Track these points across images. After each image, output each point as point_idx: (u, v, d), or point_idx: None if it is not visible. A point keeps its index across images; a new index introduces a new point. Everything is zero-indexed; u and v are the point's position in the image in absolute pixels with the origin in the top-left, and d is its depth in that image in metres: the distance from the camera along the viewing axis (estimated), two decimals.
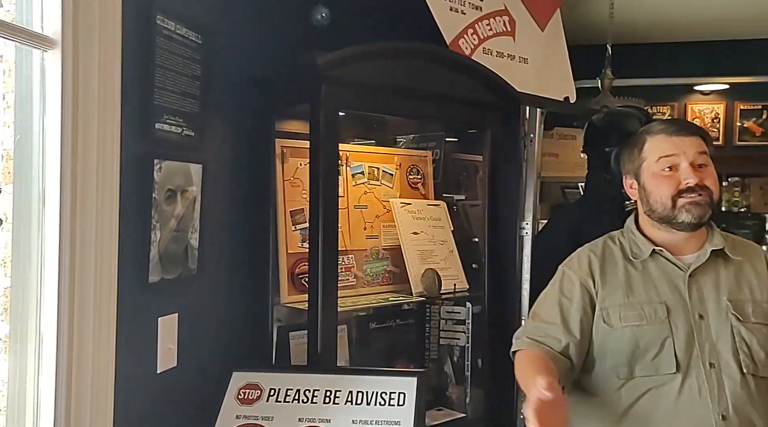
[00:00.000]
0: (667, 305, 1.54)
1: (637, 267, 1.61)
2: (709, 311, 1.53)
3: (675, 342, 1.50)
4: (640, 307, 1.55)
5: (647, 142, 1.61)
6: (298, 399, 1.58)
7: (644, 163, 1.61)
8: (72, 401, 1.27)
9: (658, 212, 1.58)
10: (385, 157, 2.16)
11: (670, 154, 1.56)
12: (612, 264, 1.64)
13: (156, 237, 1.48)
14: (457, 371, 2.16)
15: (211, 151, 1.69)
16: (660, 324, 1.52)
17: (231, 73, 1.77)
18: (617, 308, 1.57)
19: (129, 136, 1.38)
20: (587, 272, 1.64)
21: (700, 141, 1.58)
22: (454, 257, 2.14)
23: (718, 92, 5.52)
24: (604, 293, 1.60)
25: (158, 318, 1.52)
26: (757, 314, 1.52)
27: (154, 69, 1.46)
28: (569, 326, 1.60)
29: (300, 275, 1.91)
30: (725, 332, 1.51)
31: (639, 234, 1.65)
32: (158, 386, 1.53)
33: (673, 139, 1.57)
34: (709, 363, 1.49)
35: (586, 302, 1.61)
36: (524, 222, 2.38)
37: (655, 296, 1.56)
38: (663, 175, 1.57)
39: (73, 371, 1.27)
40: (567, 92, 2.46)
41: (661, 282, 1.57)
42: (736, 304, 1.53)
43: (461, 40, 2.16)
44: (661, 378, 1.49)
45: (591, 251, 1.69)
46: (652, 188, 1.59)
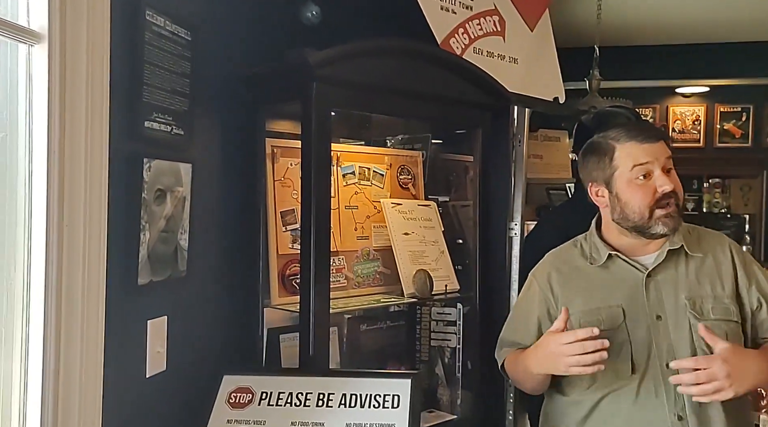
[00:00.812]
0: (623, 308, 1.56)
1: (596, 272, 1.63)
2: (667, 311, 1.55)
3: (632, 346, 1.53)
4: (599, 312, 1.57)
5: (617, 151, 1.60)
6: (290, 403, 1.55)
7: (617, 172, 1.60)
8: (59, 407, 1.23)
9: (633, 221, 1.58)
10: (376, 157, 2.14)
11: (644, 162, 1.56)
12: (572, 270, 1.67)
13: (145, 238, 1.45)
14: (448, 372, 2.15)
15: (201, 151, 1.66)
16: (617, 329, 1.54)
17: (221, 71, 1.74)
18: (578, 315, 1.59)
19: (117, 134, 1.35)
20: (546, 283, 1.68)
21: (665, 145, 1.60)
22: (445, 257, 2.12)
23: (699, 95, 5.60)
24: (564, 301, 1.62)
25: (147, 321, 1.49)
26: (716, 311, 1.54)
27: (143, 66, 1.43)
28: (534, 337, 1.66)
29: (290, 276, 1.88)
30: (683, 331, 1.52)
31: (598, 239, 1.67)
32: (147, 390, 1.49)
33: (645, 146, 1.57)
34: (666, 364, 1.50)
35: (543, 313, 1.67)
36: (513, 223, 2.38)
37: (612, 300, 1.58)
38: (638, 184, 1.57)
39: (60, 375, 1.23)
40: (556, 93, 2.46)
41: (620, 285, 1.59)
42: (695, 302, 1.54)
43: (452, 39, 2.15)
44: (619, 382, 1.52)
45: (553, 259, 1.73)
46: (628, 198, 1.58)
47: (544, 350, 1.50)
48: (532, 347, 1.59)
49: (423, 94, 1.87)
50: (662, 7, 3.81)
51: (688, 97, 5.64)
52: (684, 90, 5.55)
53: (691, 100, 5.66)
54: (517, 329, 1.73)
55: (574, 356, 1.41)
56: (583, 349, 1.40)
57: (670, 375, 1.48)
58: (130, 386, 1.44)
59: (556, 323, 1.48)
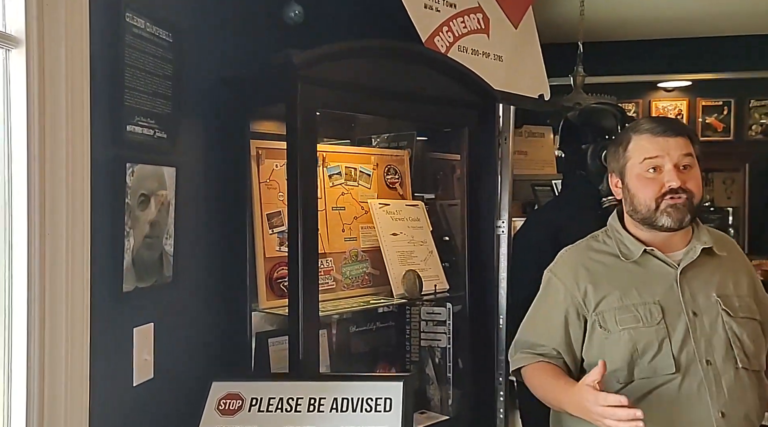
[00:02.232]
0: (661, 304, 1.53)
1: (627, 267, 1.59)
2: (702, 308, 1.53)
3: (672, 342, 1.50)
4: (635, 308, 1.54)
5: (632, 142, 1.59)
6: (281, 408, 1.53)
7: (629, 163, 1.59)
8: (45, 418, 1.20)
9: (641, 214, 1.57)
10: (362, 157, 2.12)
11: (654, 156, 1.54)
12: (600, 267, 1.62)
13: (129, 244, 1.42)
14: (439, 372, 2.13)
15: (185, 154, 1.63)
16: (656, 325, 1.51)
17: (203, 73, 1.71)
18: (612, 312, 1.55)
19: (99, 139, 1.32)
20: (572, 281, 1.62)
21: (687, 141, 1.56)
22: (433, 257, 2.11)
23: (681, 89, 5.63)
24: (596, 298, 1.58)
25: (133, 328, 1.46)
26: (743, 309, 1.53)
27: (124, 68, 1.40)
28: (556, 337, 1.61)
29: (278, 279, 1.86)
30: (717, 327, 1.51)
31: (626, 234, 1.63)
32: (135, 399, 1.46)
33: (659, 139, 1.55)
34: (706, 360, 1.49)
35: (572, 314, 1.61)
36: (500, 221, 2.37)
37: (648, 296, 1.55)
38: (647, 177, 1.55)
39: (45, 386, 1.20)
40: (541, 89, 2.46)
41: (654, 282, 1.56)
42: (725, 299, 1.54)
43: (437, 37, 2.14)
44: (660, 379, 1.48)
45: (577, 256, 1.67)
46: (636, 190, 1.57)
47: (579, 400, 1.42)
48: (568, 389, 1.48)
49: (409, 94, 1.86)
50: (644, 2, 3.82)
51: (670, 91, 5.66)
52: (666, 84, 5.58)
53: (673, 94, 5.68)
54: (538, 330, 1.66)
55: (607, 419, 1.35)
56: (614, 416, 1.34)
57: (712, 372, 1.47)
58: (117, 395, 1.41)
59: (592, 375, 1.39)
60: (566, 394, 1.49)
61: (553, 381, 1.56)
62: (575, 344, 1.60)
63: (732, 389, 1.47)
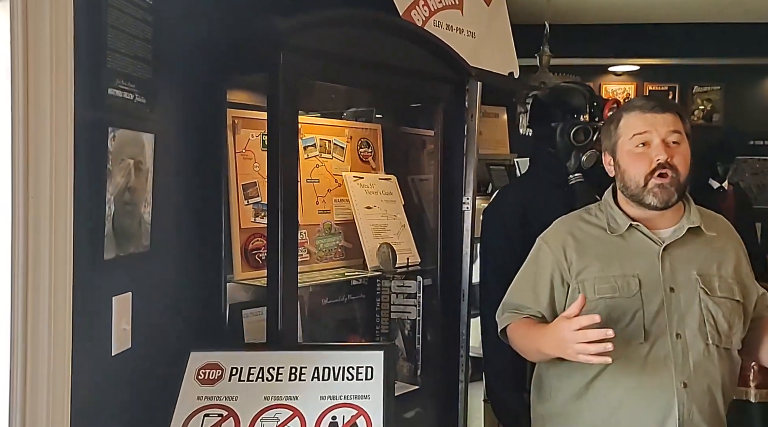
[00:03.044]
0: (639, 278, 1.58)
1: (613, 241, 1.64)
2: (680, 284, 1.59)
3: (645, 314, 1.56)
4: (614, 280, 1.59)
5: (623, 119, 1.63)
6: (262, 377, 1.53)
7: (619, 140, 1.63)
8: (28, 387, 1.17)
9: (630, 189, 1.61)
10: (336, 130, 2.12)
11: (643, 132, 1.58)
12: (588, 238, 1.67)
13: (110, 211, 1.38)
14: (408, 344, 2.17)
15: (163, 121, 1.59)
16: (632, 297, 1.57)
17: (182, 38, 1.66)
18: (592, 281, 1.61)
19: (82, 101, 1.27)
20: (559, 248, 1.67)
21: (675, 118, 1.59)
22: (406, 231, 2.13)
23: (630, 73, 5.79)
24: (579, 266, 1.63)
25: (113, 297, 1.43)
26: (723, 289, 1.59)
27: (107, 29, 1.35)
28: (541, 301, 1.67)
29: (253, 250, 1.85)
30: (693, 304, 1.57)
31: (617, 208, 1.68)
32: (113, 368, 1.43)
33: (647, 116, 1.58)
34: (676, 334, 1.56)
35: (557, 278, 1.66)
36: (465, 197, 2.41)
37: (629, 269, 1.60)
38: (636, 152, 1.59)
39: (28, 354, 1.16)
40: (511, 67, 2.49)
41: (636, 256, 1.61)
42: (705, 278, 1.59)
43: (413, 11, 2.14)
44: (630, 346, 1.54)
45: (567, 225, 1.72)
46: (626, 166, 1.61)
47: (555, 333, 1.49)
48: (546, 328, 1.57)
49: (389, 66, 1.86)
50: None
51: (619, 75, 5.81)
52: (616, 68, 5.73)
53: (622, 78, 5.84)
54: (525, 293, 1.70)
55: (579, 343, 1.41)
56: (585, 338, 1.40)
57: (680, 345, 1.54)
58: (96, 364, 1.38)
59: (570, 308, 1.46)
60: (544, 334, 1.56)
61: (534, 329, 1.62)
62: (558, 308, 1.66)
63: (698, 363, 1.54)
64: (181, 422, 1.45)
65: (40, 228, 1.18)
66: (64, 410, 1.25)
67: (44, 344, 1.19)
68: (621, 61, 5.55)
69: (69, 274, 1.25)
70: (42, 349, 1.19)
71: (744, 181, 5.64)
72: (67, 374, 1.25)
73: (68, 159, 1.23)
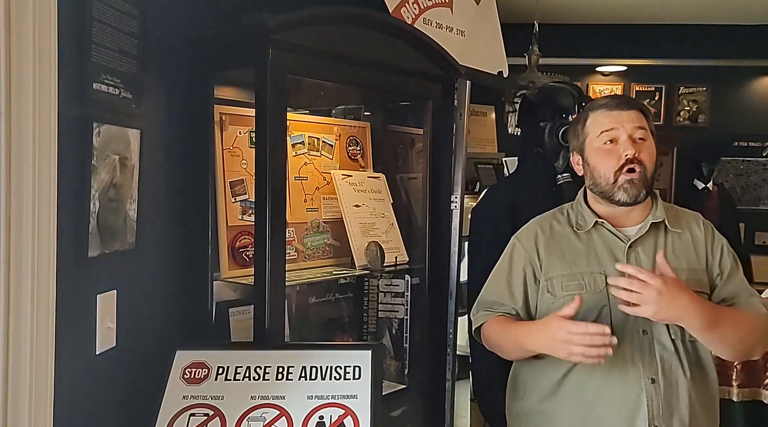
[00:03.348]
0: (606, 274, 1.59)
1: (581, 238, 1.66)
2: None
3: (611, 311, 1.57)
4: (581, 277, 1.61)
5: (589, 118, 1.67)
6: (248, 377, 1.51)
7: (587, 139, 1.66)
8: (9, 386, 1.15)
9: (600, 187, 1.63)
10: (325, 128, 2.10)
11: (610, 129, 1.61)
12: (558, 235, 1.69)
13: (95, 208, 1.36)
14: (396, 343, 2.17)
15: (149, 117, 1.57)
16: (598, 293, 1.59)
17: (169, 32, 1.64)
18: (560, 278, 1.63)
19: (65, 96, 1.25)
20: (533, 246, 1.70)
21: (639, 115, 1.63)
22: (394, 229, 2.12)
23: (617, 74, 5.81)
24: (548, 264, 1.66)
25: (97, 295, 1.41)
26: (691, 283, 1.59)
27: (92, 22, 1.33)
28: (516, 298, 1.69)
29: (240, 248, 1.83)
30: None
31: (585, 207, 1.70)
32: (97, 367, 1.41)
33: (613, 113, 1.62)
34: (642, 330, 1.57)
35: (529, 275, 1.69)
36: (453, 196, 2.41)
37: (596, 266, 1.62)
38: (604, 149, 1.62)
39: (9, 353, 1.14)
40: (500, 66, 2.49)
41: (603, 253, 1.63)
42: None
43: (403, 8, 2.13)
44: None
45: (539, 224, 1.74)
46: (595, 163, 1.64)
47: (546, 332, 1.50)
48: (533, 325, 1.58)
49: (378, 64, 1.85)
50: None
51: (607, 75, 5.83)
52: (604, 68, 5.75)
53: (609, 78, 5.86)
54: (500, 290, 1.71)
55: (580, 346, 1.43)
56: (591, 342, 1.42)
57: (646, 341, 1.55)
58: (79, 363, 1.36)
59: (566, 309, 1.47)
60: (529, 331, 1.57)
61: (515, 325, 1.63)
62: (531, 304, 1.68)
63: (664, 358, 1.55)
64: (166, 422, 1.43)
65: (23, 225, 1.15)
66: (47, 409, 1.23)
67: (27, 342, 1.17)
68: (608, 61, 5.57)
69: (52, 271, 1.22)
70: (24, 347, 1.17)
71: (728, 182, 5.69)
72: (50, 372, 1.23)
73: (52, 155, 1.21)
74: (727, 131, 5.62)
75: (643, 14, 4.66)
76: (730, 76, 5.56)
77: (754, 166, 5.73)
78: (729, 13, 4.54)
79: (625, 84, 5.82)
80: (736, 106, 5.70)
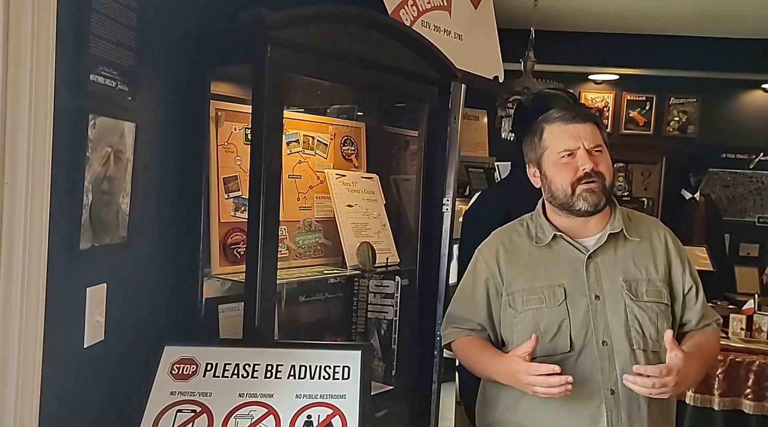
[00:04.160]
0: (565, 287, 1.61)
1: (540, 251, 1.68)
2: (606, 292, 1.61)
3: (571, 323, 1.59)
4: (541, 290, 1.63)
5: (545, 131, 1.67)
6: (237, 374, 1.51)
7: (545, 153, 1.66)
8: None
9: (559, 199, 1.64)
10: (320, 126, 2.10)
11: (567, 142, 1.62)
12: (518, 249, 1.71)
13: (87, 200, 1.35)
14: (384, 344, 2.16)
15: (144, 110, 1.56)
16: (558, 307, 1.60)
17: (167, 26, 1.63)
18: (521, 293, 1.65)
19: (62, 86, 1.24)
20: (493, 260, 1.72)
21: (594, 127, 1.65)
22: (386, 230, 2.12)
23: (609, 82, 5.86)
24: (509, 278, 1.67)
25: (87, 288, 1.40)
26: (650, 293, 1.62)
27: (91, 13, 1.32)
28: (479, 312, 1.71)
29: (232, 245, 1.82)
30: (619, 311, 1.60)
31: (544, 219, 1.71)
32: (85, 361, 1.40)
33: (569, 127, 1.63)
34: (602, 341, 1.58)
35: (492, 289, 1.71)
36: (445, 198, 2.41)
37: (555, 279, 1.63)
38: (562, 163, 1.63)
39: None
40: (496, 71, 2.50)
41: (562, 265, 1.65)
42: (631, 284, 1.62)
43: (402, 10, 2.13)
44: (558, 356, 1.57)
45: (500, 237, 1.76)
46: (552, 176, 1.65)
47: (509, 369, 1.54)
48: (498, 358, 1.61)
49: (376, 64, 1.85)
50: None
51: (599, 83, 5.88)
52: (596, 77, 5.79)
53: (601, 86, 5.90)
54: (466, 305, 1.75)
55: (541, 386, 1.48)
56: (548, 384, 1.47)
57: (606, 352, 1.57)
58: (67, 356, 1.35)
59: (523, 347, 1.51)
60: (495, 364, 1.61)
61: (481, 352, 1.67)
62: (495, 319, 1.70)
63: (625, 369, 1.55)
64: (153, 417, 1.43)
65: (15, 215, 1.14)
66: (33, 401, 1.22)
67: (15, 332, 1.16)
68: (601, 69, 5.61)
69: (43, 263, 1.21)
70: (12, 338, 1.16)
71: (715, 193, 5.75)
72: (37, 364, 1.22)
73: (46, 145, 1.20)
74: (715, 143, 5.69)
75: (636, 25, 4.70)
76: (720, 88, 5.62)
77: (741, 178, 5.79)
78: (721, 27, 4.59)
79: (617, 93, 5.87)
80: (724, 119, 5.76)
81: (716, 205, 5.54)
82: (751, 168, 5.77)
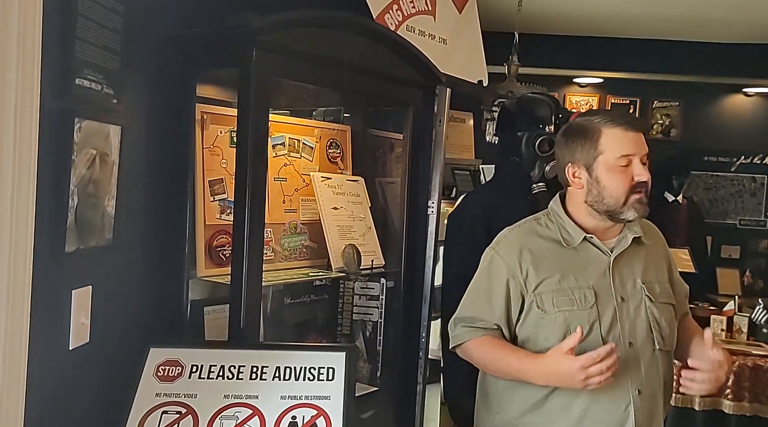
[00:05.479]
0: (594, 289, 1.62)
1: (567, 253, 1.66)
2: (629, 293, 1.64)
3: (601, 325, 1.60)
4: (571, 292, 1.62)
5: (603, 136, 1.61)
6: (222, 375, 1.51)
7: (601, 157, 1.61)
8: None
9: (607, 205, 1.62)
10: (306, 129, 2.11)
11: (628, 150, 1.59)
12: (543, 251, 1.68)
13: (73, 203, 1.36)
14: (369, 346, 2.18)
15: (130, 113, 1.57)
16: (589, 309, 1.60)
17: (152, 30, 1.64)
18: (550, 294, 1.63)
19: (47, 90, 1.25)
20: (514, 261, 1.67)
21: (643, 136, 1.64)
22: (371, 233, 2.14)
23: (593, 85, 5.91)
24: (536, 280, 1.64)
25: (72, 291, 1.40)
26: (663, 294, 1.66)
27: (77, 17, 1.33)
28: (496, 313, 1.68)
29: (218, 248, 1.83)
30: (641, 312, 1.63)
31: (568, 219, 1.69)
32: (70, 363, 1.41)
33: (630, 134, 1.60)
34: (629, 342, 1.60)
35: (513, 290, 1.67)
36: (430, 201, 2.43)
37: (584, 281, 1.63)
38: (619, 170, 1.59)
39: None
40: (480, 75, 2.52)
41: (589, 267, 1.65)
42: (648, 285, 1.65)
43: (387, 14, 2.15)
44: None
45: (520, 237, 1.72)
46: (607, 182, 1.61)
47: (552, 368, 1.52)
48: (532, 359, 1.58)
49: (362, 69, 1.86)
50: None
51: (583, 86, 5.93)
52: (580, 80, 5.84)
53: (586, 89, 5.95)
54: (480, 305, 1.71)
55: (596, 376, 1.47)
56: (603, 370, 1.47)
57: (632, 353, 1.59)
58: (52, 358, 1.35)
59: (567, 342, 1.50)
60: (529, 366, 1.58)
61: (505, 351, 1.63)
62: (512, 320, 1.68)
63: (648, 369, 1.60)
64: (138, 419, 1.43)
65: (0, 218, 1.15)
66: (18, 403, 1.22)
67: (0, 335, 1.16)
68: (585, 73, 5.66)
69: (29, 265, 1.22)
70: None
71: (697, 196, 5.81)
72: (22, 366, 1.22)
73: (32, 148, 1.20)
74: (697, 146, 5.75)
75: (620, 28, 4.75)
76: (702, 92, 5.69)
77: (723, 181, 5.87)
78: (704, 31, 4.65)
79: (601, 96, 5.92)
80: (707, 122, 5.83)
81: (698, 208, 5.61)
82: (733, 171, 5.85)
